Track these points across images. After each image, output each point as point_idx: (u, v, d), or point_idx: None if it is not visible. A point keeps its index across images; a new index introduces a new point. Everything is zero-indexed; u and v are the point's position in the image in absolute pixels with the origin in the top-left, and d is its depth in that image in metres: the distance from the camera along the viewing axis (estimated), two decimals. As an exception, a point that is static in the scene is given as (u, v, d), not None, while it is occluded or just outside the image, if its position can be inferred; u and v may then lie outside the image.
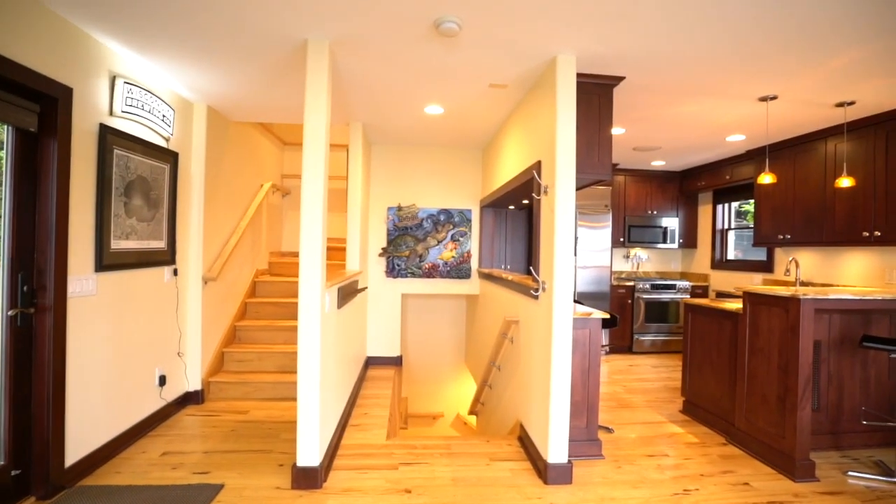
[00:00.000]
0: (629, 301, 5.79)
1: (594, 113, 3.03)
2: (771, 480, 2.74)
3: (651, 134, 4.41)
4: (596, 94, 3.04)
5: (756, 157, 4.91)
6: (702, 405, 3.63)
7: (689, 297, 5.91)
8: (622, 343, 5.85)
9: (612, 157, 5.47)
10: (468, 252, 5.19)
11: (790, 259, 3.70)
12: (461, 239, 5.18)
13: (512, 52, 2.69)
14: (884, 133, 3.63)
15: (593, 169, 3.00)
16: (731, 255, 5.95)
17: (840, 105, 3.46)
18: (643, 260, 6.52)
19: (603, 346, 5.76)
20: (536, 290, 2.90)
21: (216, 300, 4.00)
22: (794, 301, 2.79)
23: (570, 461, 2.65)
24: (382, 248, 5.12)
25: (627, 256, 6.47)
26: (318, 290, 2.47)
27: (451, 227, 5.18)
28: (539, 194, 2.92)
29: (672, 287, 5.87)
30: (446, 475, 2.67)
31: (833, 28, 2.32)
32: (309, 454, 2.49)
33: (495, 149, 4.49)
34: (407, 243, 5.12)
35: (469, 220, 5.21)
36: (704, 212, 6.26)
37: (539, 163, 2.97)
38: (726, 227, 6.01)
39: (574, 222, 2.70)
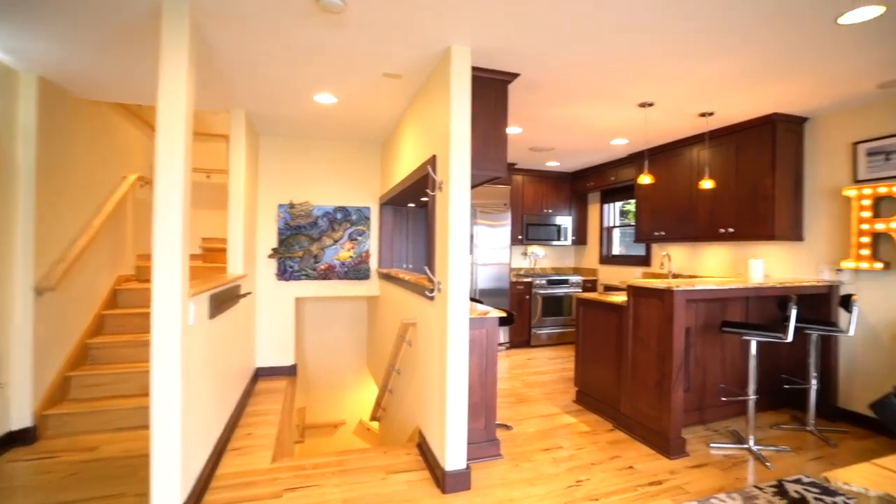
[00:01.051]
0: (527, 297, 5.99)
1: (490, 108, 2.99)
2: (651, 461, 2.93)
3: (546, 134, 4.55)
4: (492, 90, 3.00)
5: (636, 160, 5.34)
6: (592, 394, 3.82)
7: (580, 290, 6.29)
8: (521, 338, 6.03)
9: (511, 157, 5.63)
10: (367, 252, 4.96)
11: (664, 253, 4.06)
12: (359, 238, 4.93)
13: (405, 39, 2.54)
14: (735, 143, 4.12)
15: (489, 165, 2.96)
16: (616, 250, 6.45)
17: (703, 115, 3.85)
18: (540, 257, 6.81)
19: (502, 343, 5.89)
20: (432, 291, 2.78)
21: (56, 314, 3.31)
22: (668, 293, 3.01)
23: (468, 466, 2.58)
24: (273, 249, 4.68)
25: (525, 254, 6.71)
26: (178, 300, 2.10)
27: (349, 225, 4.90)
28: (434, 190, 2.80)
29: (566, 282, 6.20)
30: (337, 497, 2.44)
31: (702, 41, 2.52)
32: (167, 494, 2.10)
33: (394, 143, 4.32)
34: (300, 243, 4.74)
35: (368, 219, 4.97)
36: (593, 211, 6.72)
37: (434, 157, 2.86)
38: (612, 224, 6.50)
39: (469, 219, 2.63)
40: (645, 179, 3.75)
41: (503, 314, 2.95)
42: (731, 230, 4.16)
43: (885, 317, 3.39)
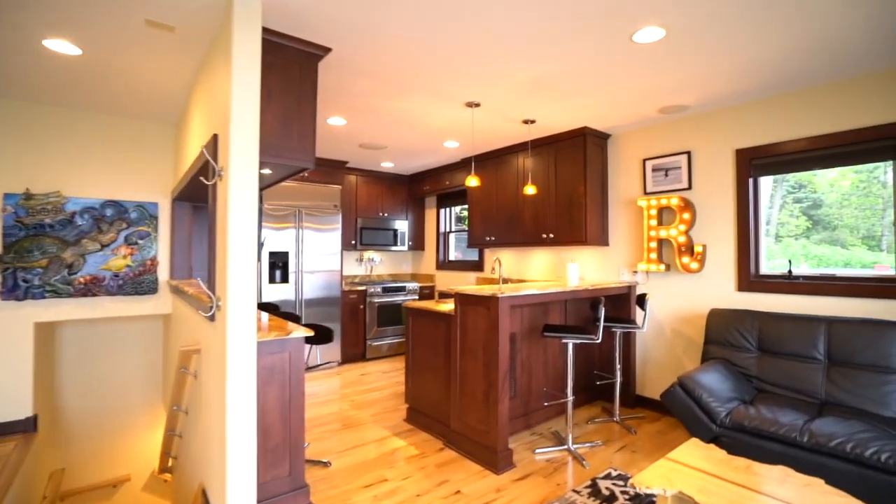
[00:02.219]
0: (361, 306, 5.54)
1: (294, 86, 2.47)
2: (479, 480, 2.74)
3: (375, 129, 4.19)
4: (297, 64, 2.49)
5: (469, 165, 5.35)
6: (423, 410, 3.55)
7: (418, 298, 6.09)
8: (356, 351, 5.55)
9: (340, 154, 5.12)
10: (153, 259, 3.92)
11: (495, 258, 4.03)
12: (141, 242, 3.86)
13: (158, -31, 1.87)
14: (553, 152, 4.34)
15: (292, 154, 2.44)
16: (452, 256, 6.43)
17: (526, 122, 3.93)
18: (376, 263, 6.43)
19: (330, 361, 5.32)
20: (211, 309, 2.13)
21: None
22: (493, 300, 2.88)
23: (256, 536, 2.00)
24: (-6, 257, 3.33)
25: (361, 260, 6.26)
26: None
27: (126, 225, 3.80)
28: (210, 178, 2.16)
29: (402, 289, 5.92)
30: None
31: (521, 43, 2.41)
32: None
33: (186, 123, 3.46)
34: (43, 248, 3.48)
35: (154, 217, 3.93)
36: (430, 215, 6.62)
37: (215, 138, 2.22)
38: (448, 229, 6.47)
39: (258, 218, 2.06)
40: (472, 182, 3.65)
41: (310, 332, 2.44)
42: (551, 235, 4.36)
43: (667, 312, 3.85)
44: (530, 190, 4.01)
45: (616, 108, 3.57)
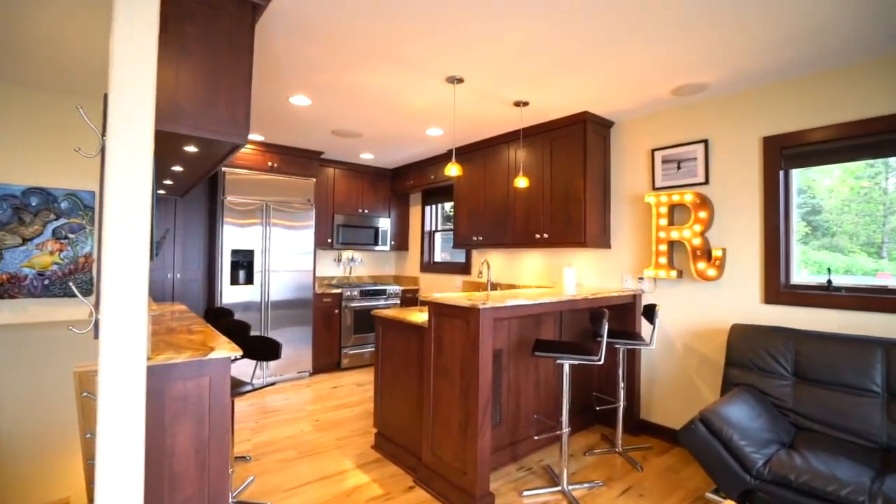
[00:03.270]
0: (336, 311, 5.02)
1: (222, 41, 1.97)
2: (451, 532, 2.23)
3: (346, 112, 3.67)
4: (226, 13, 2.00)
5: (456, 157, 4.84)
6: (393, 438, 3.04)
7: (399, 303, 5.56)
8: (330, 360, 5.03)
9: (312, 143, 4.51)
10: (88, 256, 3.40)
11: (482, 261, 3.53)
12: (73, 236, 3.35)
13: None
14: (549, 142, 3.83)
15: (217, 125, 1.93)
16: (438, 257, 5.91)
17: (518, 104, 3.42)
18: (356, 263, 5.91)
19: (302, 371, 4.79)
20: (92, 321, 1.62)
21: None
22: (473, 311, 2.38)
23: None
24: None
25: (339, 260, 5.73)
26: None
27: (54, 216, 3.28)
28: (94, 151, 1.65)
29: (382, 293, 5.39)
30: None
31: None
32: None
33: (118, 98, 2.94)
34: (-53, 242, 2.97)
35: (90, 208, 3.42)
36: (415, 213, 6.09)
37: (105, 99, 1.70)
38: (434, 228, 5.95)
39: (152, 208, 1.55)
40: (452, 170, 3.11)
41: (238, 351, 1.92)
42: (545, 236, 3.85)
43: (678, 326, 3.35)
44: (521, 182, 3.49)
45: (622, 88, 3.07)
